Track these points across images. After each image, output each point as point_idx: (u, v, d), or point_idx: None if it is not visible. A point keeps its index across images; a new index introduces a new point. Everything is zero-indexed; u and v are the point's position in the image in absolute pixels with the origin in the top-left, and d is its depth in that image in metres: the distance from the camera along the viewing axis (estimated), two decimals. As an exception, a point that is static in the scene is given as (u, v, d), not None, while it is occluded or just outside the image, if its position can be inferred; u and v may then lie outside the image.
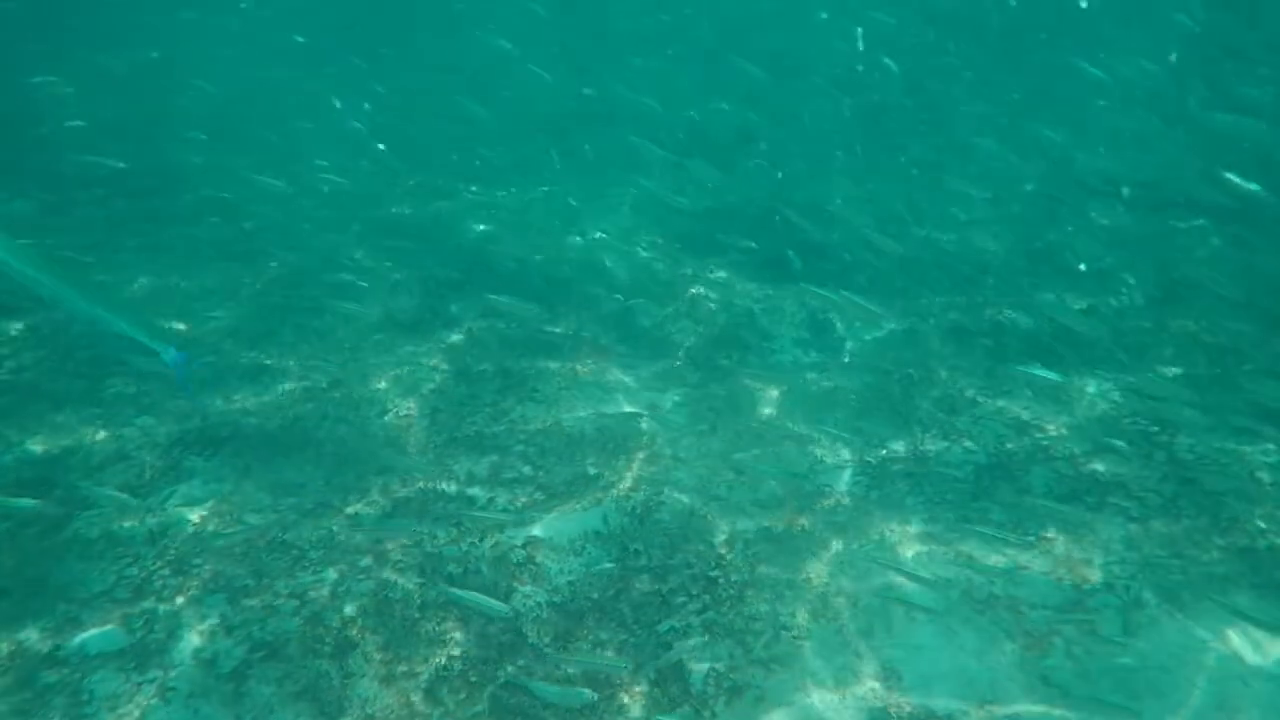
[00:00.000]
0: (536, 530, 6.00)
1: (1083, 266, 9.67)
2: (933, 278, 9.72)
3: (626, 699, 4.85)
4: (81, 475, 6.26)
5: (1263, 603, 5.37)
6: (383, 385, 7.62)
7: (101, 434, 6.70)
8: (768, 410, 7.52)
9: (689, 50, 16.11)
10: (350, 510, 6.12)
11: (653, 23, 17.02)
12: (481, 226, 11.68)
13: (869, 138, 13.67)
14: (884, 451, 6.95)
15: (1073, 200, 11.18)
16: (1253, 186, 6.16)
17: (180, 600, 5.32)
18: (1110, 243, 10.09)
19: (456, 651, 5.07)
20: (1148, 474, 6.51)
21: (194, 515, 6.00)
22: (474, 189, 13.03)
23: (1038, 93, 14.31)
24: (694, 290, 9.59)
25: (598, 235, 11.35)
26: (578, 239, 11.30)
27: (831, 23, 15.58)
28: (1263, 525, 5.97)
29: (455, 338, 8.50)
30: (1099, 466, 6.63)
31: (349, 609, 5.31)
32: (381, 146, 12.84)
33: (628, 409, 7.48)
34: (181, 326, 8.40)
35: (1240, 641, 5.14)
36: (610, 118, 14.09)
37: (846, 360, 8.37)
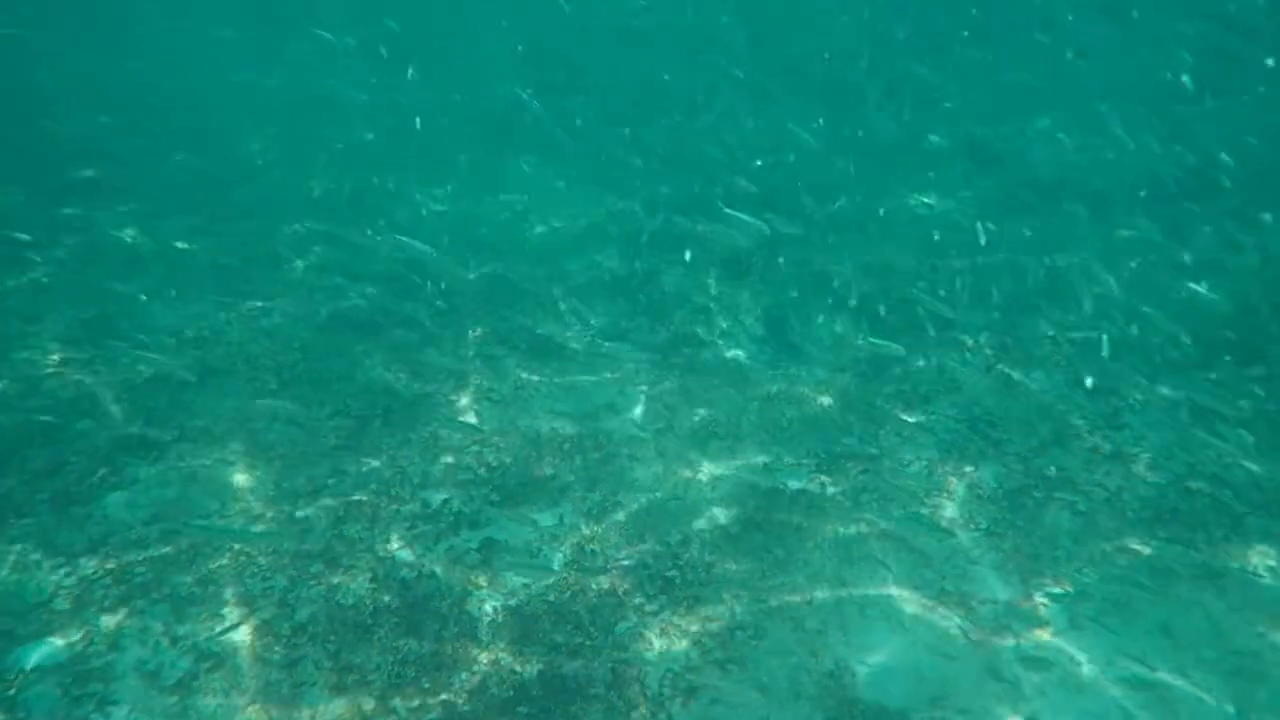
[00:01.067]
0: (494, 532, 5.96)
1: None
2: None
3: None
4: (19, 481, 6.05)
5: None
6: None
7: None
8: (724, 409, 7.53)
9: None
10: (300, 514, 6.01)
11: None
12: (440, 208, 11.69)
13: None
14: (838, 449, 7.01)
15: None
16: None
17: (123, 610, 5.17)
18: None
19: (411, 658, 5.00)
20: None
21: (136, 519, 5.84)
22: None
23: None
24: (651, 287, 9.57)
25: (556, 228, 11.31)
26: (535, 230, 11.26)
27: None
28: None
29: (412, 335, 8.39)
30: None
31: (300, 615, 5.21)
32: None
33: (584, 408, 7.43)
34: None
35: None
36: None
37: (804, 357, 8.42)
